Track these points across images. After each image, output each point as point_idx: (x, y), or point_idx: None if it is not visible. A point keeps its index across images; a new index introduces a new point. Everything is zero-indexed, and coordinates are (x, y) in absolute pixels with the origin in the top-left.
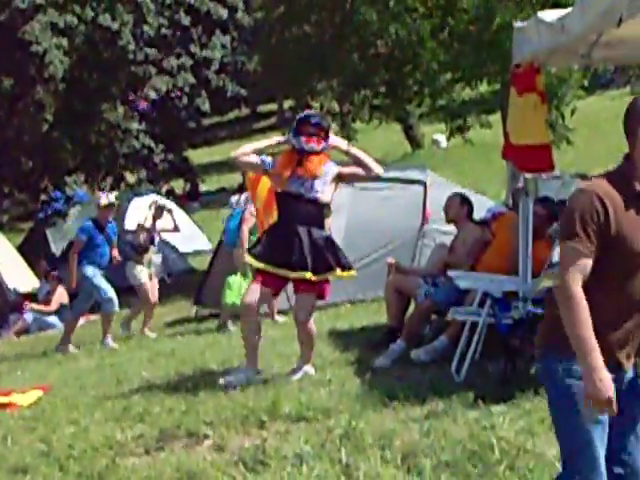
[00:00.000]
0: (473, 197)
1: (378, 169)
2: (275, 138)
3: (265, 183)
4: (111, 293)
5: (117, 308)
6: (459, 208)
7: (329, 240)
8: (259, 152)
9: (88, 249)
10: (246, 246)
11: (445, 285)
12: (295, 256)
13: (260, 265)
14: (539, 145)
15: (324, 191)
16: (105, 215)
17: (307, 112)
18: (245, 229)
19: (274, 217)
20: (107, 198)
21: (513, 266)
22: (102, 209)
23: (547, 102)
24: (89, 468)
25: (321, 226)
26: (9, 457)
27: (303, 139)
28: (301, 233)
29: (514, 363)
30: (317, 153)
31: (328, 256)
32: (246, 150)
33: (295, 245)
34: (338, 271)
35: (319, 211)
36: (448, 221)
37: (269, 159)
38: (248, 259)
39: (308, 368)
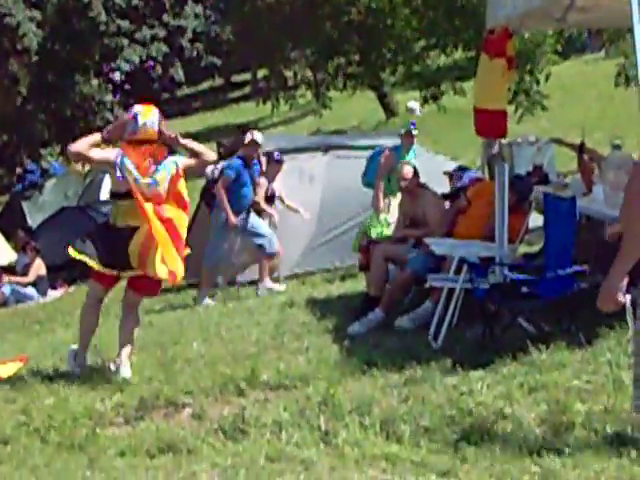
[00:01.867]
0: (448, 164)
1: (212, 156)
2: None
3: None
4: (268, 232)
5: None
6: (413, 178)
7: None
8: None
9: (231, 188)
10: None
11: (421, 253)
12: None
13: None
14: (497, 110)
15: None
16: (250, 153)
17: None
18: None
19: None
20: (251, 134)
21: (489, 232)
22: (247, 146)
23: (515, 68)
24: (69, 438)
25: None
26: None
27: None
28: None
29: (491, 328)
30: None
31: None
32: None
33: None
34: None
35: None
36: (402, 191)
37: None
38: None
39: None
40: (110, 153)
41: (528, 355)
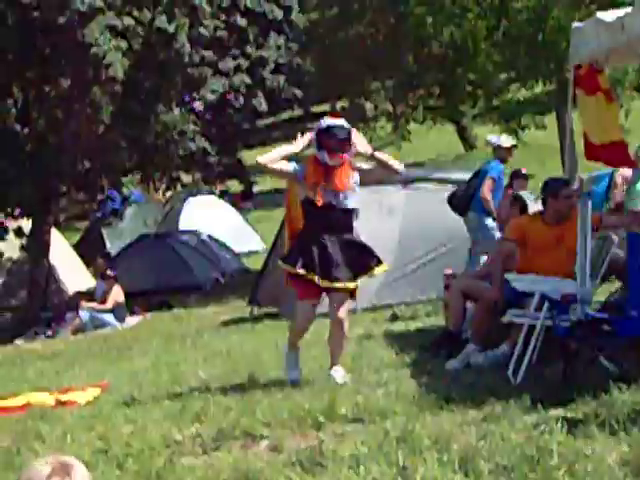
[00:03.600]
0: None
1: (400, 167)
2: (299, 142)
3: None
4: None
5: None
6: (509, 209)
7: (359, 243)
8: (288, 158)
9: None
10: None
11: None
12: (326, 265)
13: (300, 271)
14: (613, 142)
15: (353, 200)
16: (507, 157)
17: (329, 122)
18: None
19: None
20: (508, 140)
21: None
22: (506, 150)
23: (616, 100)
24: (147, 467)
25: (351, 231)
26: (68, 454)
27: (327, 155)
28: (330, 241)
29: (572, 366)
30: (342, 164)
31: (358, 261)
32: (274, 156)
33: (326, 254)
34: (364, 277)
35: (349, 218)
36: (499, 222)
37: (299, 167)
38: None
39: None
40: (289, 166)
41: (609, 394)
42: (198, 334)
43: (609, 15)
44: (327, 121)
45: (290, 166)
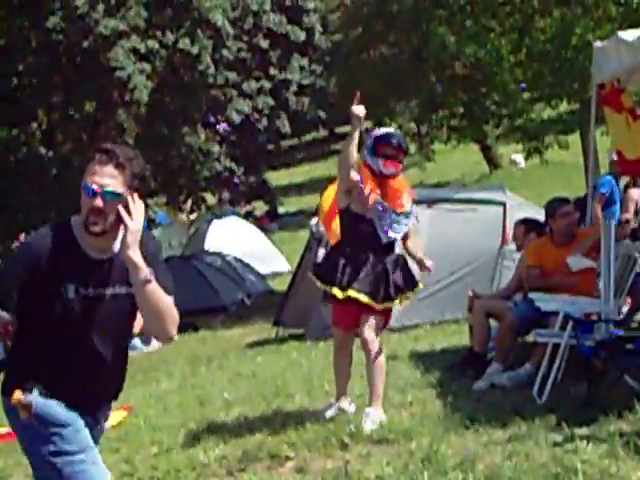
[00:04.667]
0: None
1: (430, 264)
2: (354, 133)
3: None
4: None
5: None
6: (523, 236)
7: (397, 264)
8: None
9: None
10: None
11: (524, 303)
12: (360, 281)
13: (337, 293)
14: (636, 159)
15: (398, 232)
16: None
17: (387, 130)
18: None
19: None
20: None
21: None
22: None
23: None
24: None
25: (391, 250)
26: None
27: (381, 162)
28: (368, 258)
29: (597, 385)
30: (395, 176)
31: (393, 283)
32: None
33: (362, 270)
34: (397, 302)
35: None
36: (517, 248)
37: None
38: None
39: (372, 411)
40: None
41: (634, 413)
42: (224, 356)
43: (630, 34)
44: (381, 129)
45: (356, 176)
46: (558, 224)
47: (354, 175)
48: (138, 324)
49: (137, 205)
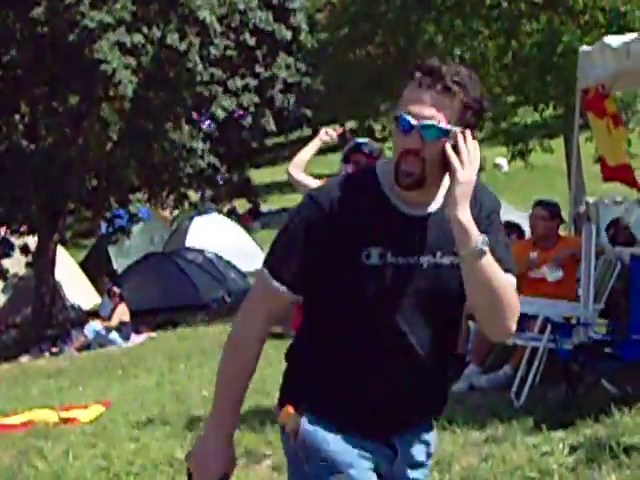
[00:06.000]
0: None
1: None
2: (314, 143)
3: None
4: None
5: None
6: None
7: None
8: (304, 163)
9: None
10: None
11: None
12: None
13: None
14: (619, 165)
15: None
16: None
17: (360, 140)
18: None
19: None
20: None
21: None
22: None
23: (623, 124)
24: None
25: None
26: (70, 472)
27: (349, 169)
28: None
29: (574, 389)
30: None
31: None
32: (297, 161)
33: None
34: None
35: None
36: None
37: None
38: None
39: None
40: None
41: (611, 417)
42: (203, 353)
43: (615, 40)
44: (358, 139)
45: (315, 182)
46: (532, 223)
47: (296, 174)
48: (116, 317)
49: (471, 147)
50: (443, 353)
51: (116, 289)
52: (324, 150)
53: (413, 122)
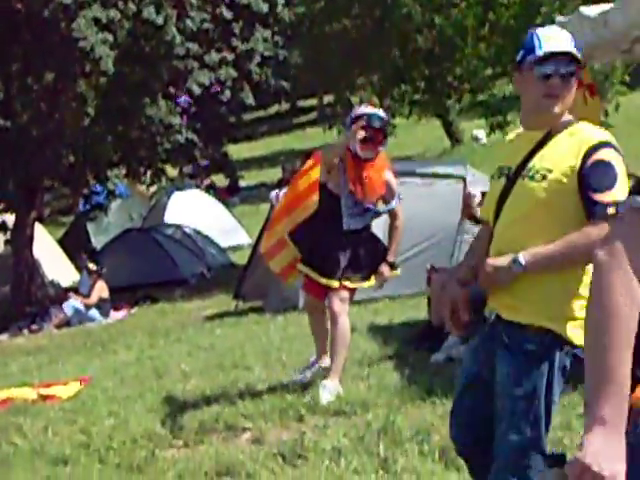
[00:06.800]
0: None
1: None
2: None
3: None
4: None
5: None
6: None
7: (372, 244)
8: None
9: None
10: None
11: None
12: (330, 263)
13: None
14: None
15: (358, 225)
16: None
17: (364, 109)
18: None
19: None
20: None
21: None
22: None
23: (598, 95)
24: (128, 460)
25: (367, 229)
26: (49, 448)
27: (358, 146)
28: (342, 238)
29: None
30: (373, 160)
31: (365, 265)
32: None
33: (333, 251)
34: (367, 283)
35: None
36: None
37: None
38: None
39: (329, 383)
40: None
41: None
42: (182, 328)
43: (592, 10)
44: (362, 108)
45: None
46: None
47: (337, 161)
48: (95, 294)
49: None
50: None
51: (93, 265)
52: (302, 124)
53: None
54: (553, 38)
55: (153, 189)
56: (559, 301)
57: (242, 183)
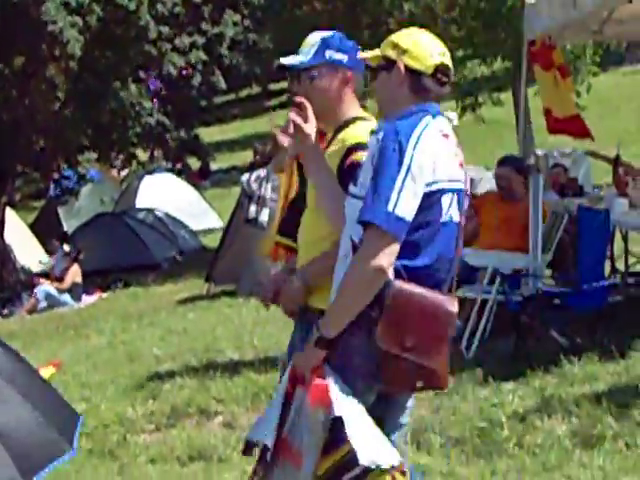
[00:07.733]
0: (484, 174)
1: None
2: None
3: None
4: None
5: None
6: None
7: None
8: None
9: None
10: None
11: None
12: None
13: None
14: (569, 117)
15: None
16: None
17: None
18: None
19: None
20: None
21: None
22: None
23: (569, 75)
24: (100, 444)
25: None
26: None
27: None
28: None
29: (524, 340)
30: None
31: None
32: None
33: None
34: None
35: None
36: None
37: None
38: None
39: None
40: None
41: (560, 367)
42: (155, 312)
43: None
44: None
45: None
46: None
47: None
48: (69, 279)
49: None
50: None
51: (67, 247)
52: (274, 107)
53: None
54: None
55: (124, 173)
56: None
57: (213, 166)
